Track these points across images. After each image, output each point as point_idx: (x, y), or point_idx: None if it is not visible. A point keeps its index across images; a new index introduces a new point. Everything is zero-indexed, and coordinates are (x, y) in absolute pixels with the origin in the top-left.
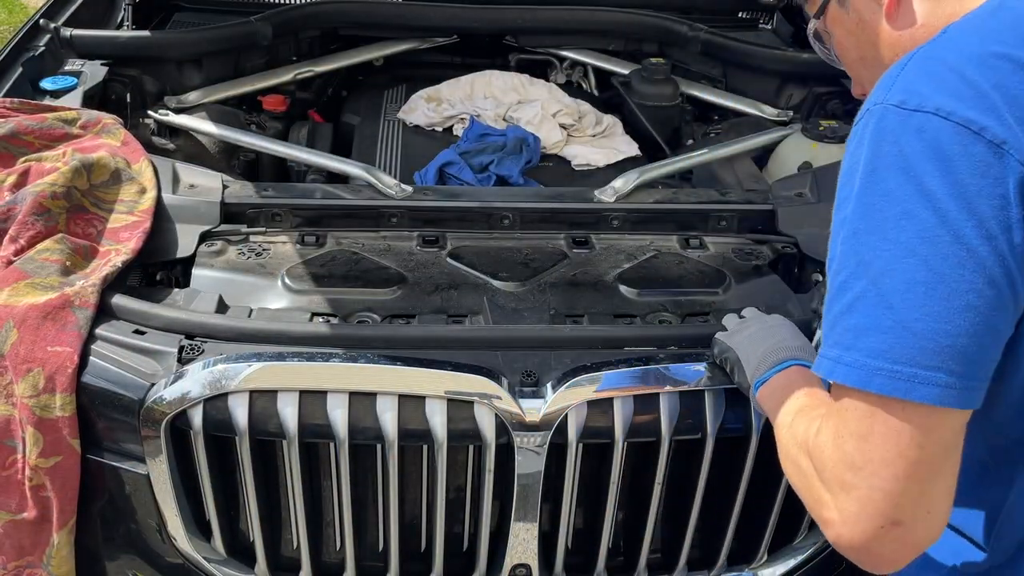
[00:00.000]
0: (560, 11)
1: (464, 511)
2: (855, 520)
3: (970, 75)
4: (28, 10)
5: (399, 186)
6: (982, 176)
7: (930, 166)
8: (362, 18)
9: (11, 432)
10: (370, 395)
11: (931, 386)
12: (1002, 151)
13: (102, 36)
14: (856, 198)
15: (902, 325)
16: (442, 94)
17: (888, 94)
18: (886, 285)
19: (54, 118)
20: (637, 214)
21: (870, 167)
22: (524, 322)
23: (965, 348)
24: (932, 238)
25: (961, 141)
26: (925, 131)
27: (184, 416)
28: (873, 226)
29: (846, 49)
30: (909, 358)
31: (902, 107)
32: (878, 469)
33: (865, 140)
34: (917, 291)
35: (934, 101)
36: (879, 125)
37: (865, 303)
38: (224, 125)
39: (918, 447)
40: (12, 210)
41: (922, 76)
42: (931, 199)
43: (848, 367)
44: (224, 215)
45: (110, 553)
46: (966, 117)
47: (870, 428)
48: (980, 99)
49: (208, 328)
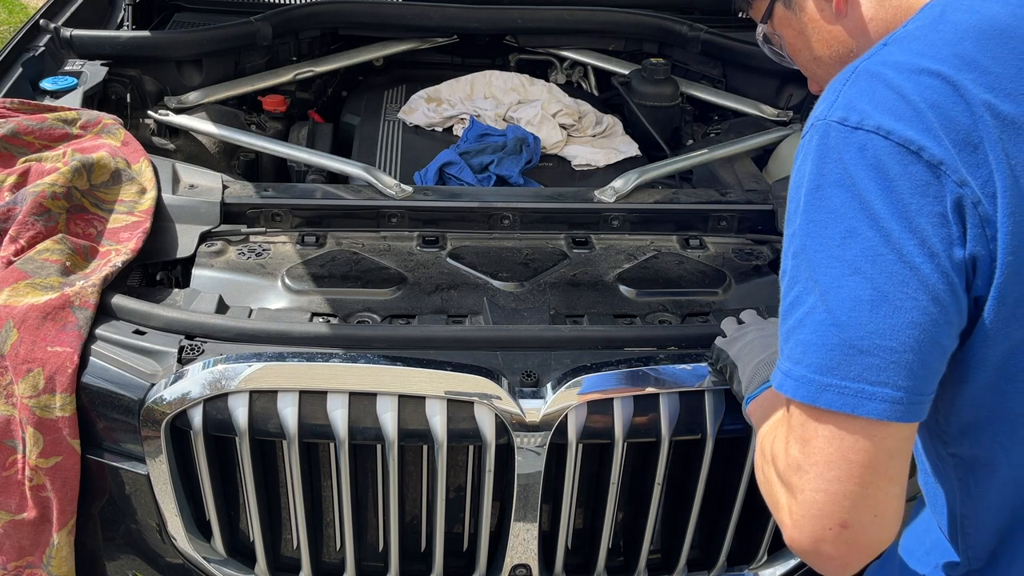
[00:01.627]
0: (560, 11)
1: (464, 511)
2: (803, 522)
3: (908, 94)
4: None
5: (399, 186)
6: (922, 195)
7: (872, 184)
8: (362, 18)
9: (11, 432)
10: (370, 395)
11: (877, 401)
12: (939, 171)
13: (102, 36)
14: (803, 213)
15: (849, 343)
16: (442, 94)
17: (830, 110)
18: (833, 302)
19: (54, 118)
20: (637, 214)
21: (815, 183)
22: (524, 322)
23: (910, 363)
24: (876, 256)
25: (901, 160)
26: (867, 149)
27: (184, 416)
28: (820, 243)
29: (798, 50)
30: (856, 374)
31: (844, 123)
32: (822, 471)
33: (809, 156)
34: (863, 309)
35: (874, 119)
36: (822, 141)
37: (814, 319)
38: (224, 125)
39: (862, 451)
40: (12, 210)
41: (863, 93)
42: (874, 218)
43: (797, 381)
44: (224, 215)
45: (110, 553)
46: (905, 137)
47: (815, 433)
48: (918, 119)
49: (208, 328)
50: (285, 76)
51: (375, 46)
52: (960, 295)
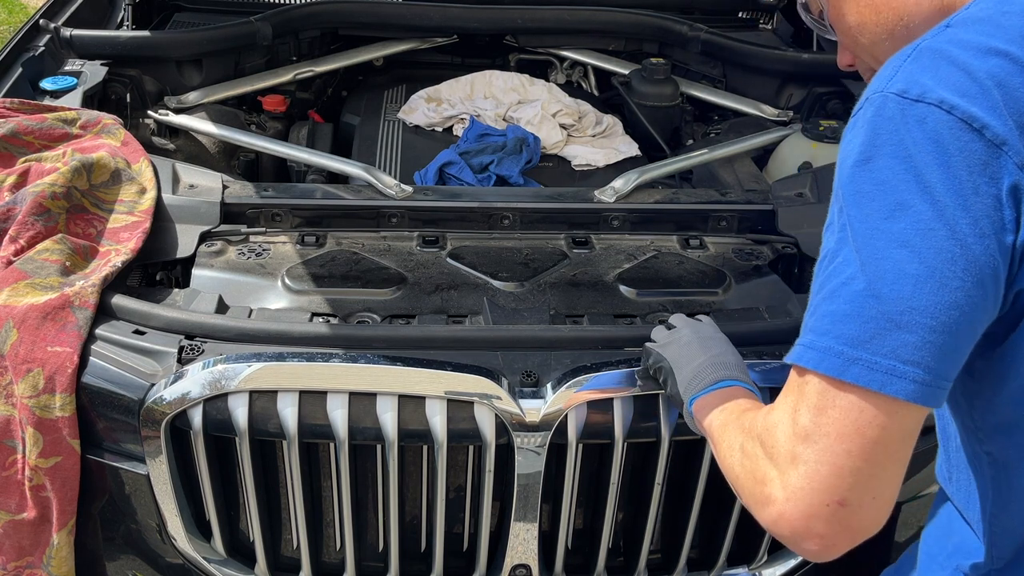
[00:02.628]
0: (560, 11)
1: (464, 511)
2: (800, 495)
3: (974, 71)
4: (28, 10)
5: (399, 186)
6: (980, 174)
7: (930, 158)
8: (362, 18)
9: (11, 432)
10: (370, 395)
11: (908, 381)
12: (1000, 151)
13: (102, 36)
14: (851, 185)
15: (887, 316)
16: (442, 94)
17: (890, 83)
18: (875, 274)
19: (54, 118)
20: (637, 214)
21: (866, 155)
22: (524, 322)
23: (944, 345)
24: (927, 231)
25: (962, 137)
26: (926, 122)
27: (184, 416)
28: (866, 214)
29: (843, 15)
30: (890, 350)
31: (904, 96)
32: (833, 443)
33: (862, 127)
34: (907, 282)
35: (937, 93)
36: (879, 112)
37: (850, 290)
38: (224, 125)
39: (879, 428)
40: (12, 210)
41: (926, 68)
42: (929, 191)
43: (822, 353)
44: (224, 215)
45: (110, 553)
46: (969, 113)
47: (832, 402)
48: (983, 96)
49: (208, 328)
50: (285, 76)
51: (375, 46)
52: (1001, 283)
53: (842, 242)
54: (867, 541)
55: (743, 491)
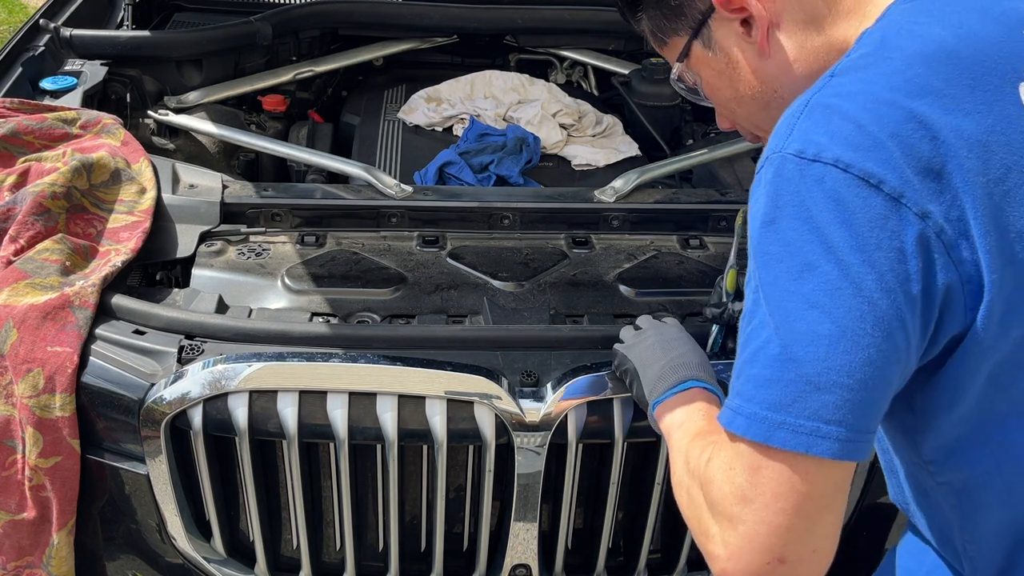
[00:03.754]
0: (560, 11)
1: (464, 511)
2: (740, 555)
3: (866, 124)
4: (28, 10)
5: (399, 186)
6: (881, 229)
7: (831, 217)
8: (362, 18)
9: (11, 432)
10: (370, 395)
11: (831, 440)
12: (899, 204)
13: (102, 36)
14: (759, 248)
15: (805, 379)
16: (442, 94)
17: (786, 142)
18: (789, 337)
19: (54, 118)
20: (637, 214)
21: (771, 216)
22: (524, 322)
23: (863, 402)
24: (835, 290)
25: (860, 194)
26: (825, 182)
27: (184, 416)
28: (775, 277)
29: (717, 89)
30: (812, 412)
31: (801, 156)
32: (768, 502)
33: (765, 189)
34: (821, 344)
35: (833, 152)
36: (778, 173)
37: (767, 354)
38: (224, 125)
39: (809, 485)
40: (12, 210)
41: (819, 124)
42: (833, 251)
43: (748, 419)
44: (224, 215)
45: (110, 553)
46: (865, 169)
47: (763, 464)
48: (877, 150)
49: (208, 328)
50: (285, 76)
51: (375, 46)
52: (912, 333)
53: (756, 303)
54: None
55: (691, 528)
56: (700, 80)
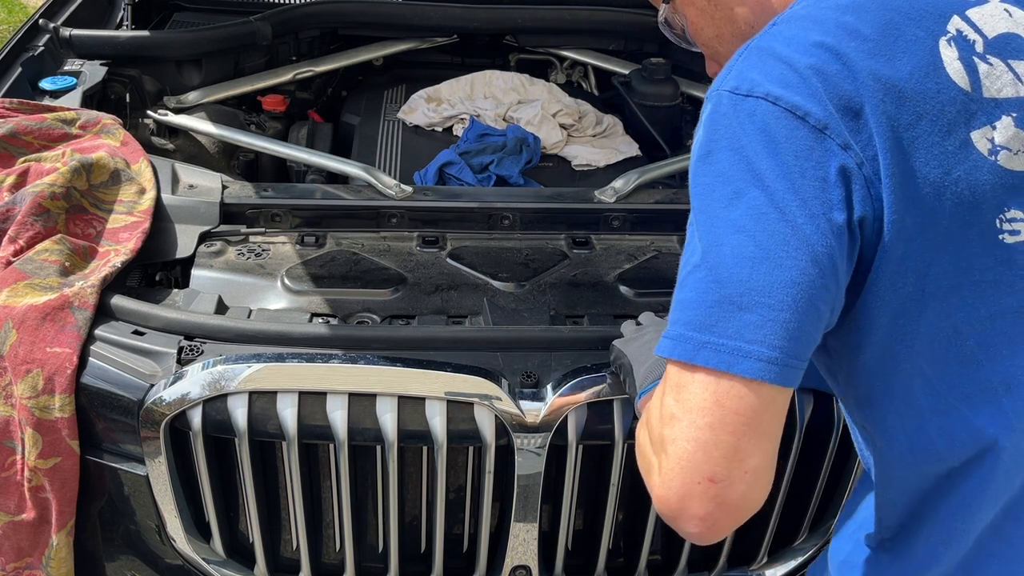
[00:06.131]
0: (560, 11)
1: (464, 512)
2: (671, 476)
3: (796, 63)
4: (28, 10)
5: (399, 186)
6: (806, 159)
7: (760, 147)
8: (362, 18)
9: (10, 433)
10: (370, 396)
11: (752, 360)
12: (823, 135)
13: (101, 36)
14: (694, 178)
15: (728, 299)
16: (442, 94)
17: (724, 81)
18: (715, 260)
19: (53, 118)
20: (637, 214)
21: (706, 149)
22: (524, 323)
23: (787, 323)
24: (760, 215)
25: (787, 125)
26: (755, 115)
27: (183, 417)
28: (707, 205)
29: (700, 29)
30: (733, 332)
31: (735, 92)
32: (695, 418)
33: (703, 124)
34: (744, 265)
35: (764, 87)
36: (715, 109)
37: (695, 278)
38: (224, 125)
39: (736, 400)
40: (11, 210)
41: (754, 65)
42: (760, 179)
43: (674, 340)
44: (223, 215)
45: (109, 554)
46: (792, 102)
47: (688, 383)
48: (804, 85)
49: (207, 329)
50: (285, 76)
51: (375, 46)
52: (839, 261)
53: (691, 234)
54: None
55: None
56: (687, 22)
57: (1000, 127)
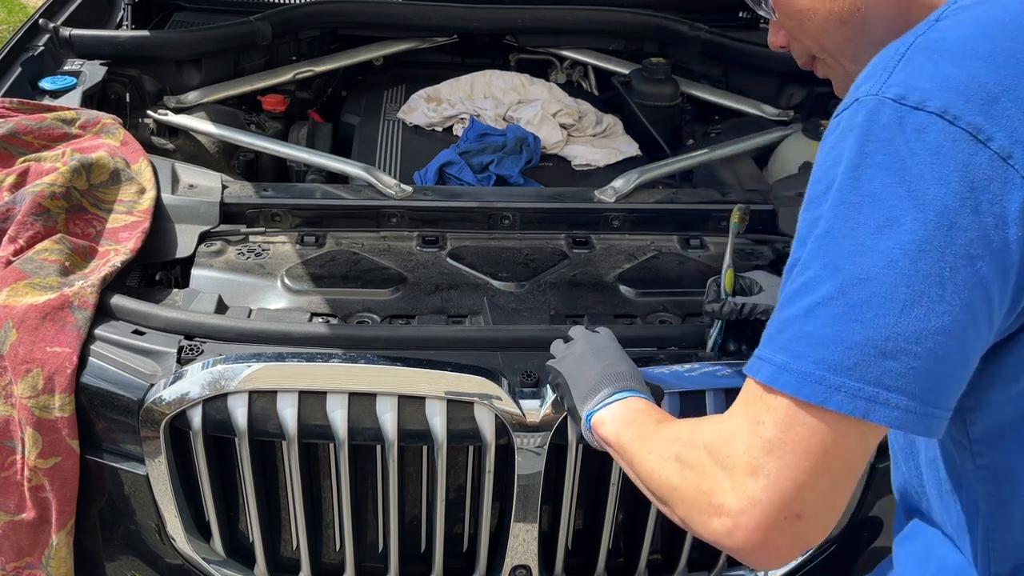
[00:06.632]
0: (560, 11)
1: (464, 512)
2: (759, 507)
3: (979, 73)
4: (28, 10)
5: (399, 186)
6: (983, 191)
7: (927, 172)
8: (362, 18)
9: (10, 433)
10: (370, 396)
11: (891, 408)
12: (1007, 165)
13: (101, 36)
14: (835, 194)
15: (871, 343)
16: (442, 94)
17: (884, 86)
18: (858, 296)
19: (53, 118)
20: (637, 214)
21: (855, 162)
22: (524, 322)
23: (931, 371)
24: (917, 253)
25: (965, 150)
26: (927, 133)
27: (183, 417)
28: (851, 228)
29: None
30: (874, 378)
31: (901, 102)
32: (798, 459)
33: (852, 132)
34: (893, 307)
35: (940, 101)
36: (871, 119)
37: (830, 312)
38: (224, 125)
39: (844, 446)
40: (11, 210)
41: (924, 69)
42: (923, 208)
43: (799, 378)
44: (223, 215)
45: (109, 554)
46: (973, 123)
47: (802, 421)
48: (990, 104)
49: (207, 328)
50: (285, 76)
51: (375, 46)
52: (996, 305)
53: (818, 253)
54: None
55: (681, 502)
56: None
57: None
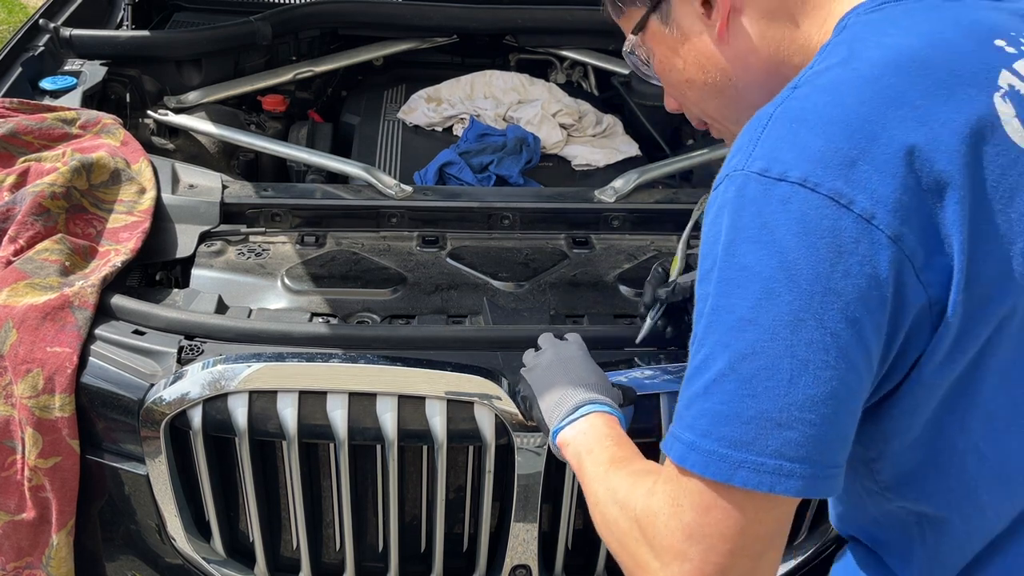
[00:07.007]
0: (560, 11)
1: (464, 512)
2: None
3: (836, 139)
4: (28, 10)
5: (399, 186)
6: (851, 254)
7: (796, 242)
8: (362, 18)
9: (10, 433)
10: (370, 396)
11: (795, 478)
12: (871, 226)
13: (101, 36)
14: (718, 271)
15: (766, 415)
16: (442, 94)
17: (749, 160)
18: (747, 371)
19: (53, 118)
20: (637, 214)
21: (730, 238)
22: (524, 322)
23: (826, 436)
24: (795, 322)
25: (829, 215)
26: (790, 203)
27: (184, 416)
28: (734, 304)
29: (669, 69)
30: (774, 450)
31: (765, 175)
32: (717, 543)
33: (725, 209)
34: (780, 379)
35: (800, 170)
36: (740, 194)
37: (725, 388)
38: (224, 125)
39: (761, 522)
40: (11, 210)
41: (785, 142)
42: (795, 279)
43: (705, 456)
44: (224, 215)
45: (109, 554)
46: (834, 189)
47: (716, 503)
48: (848, 168)
49: (207, 328)
50: (285, 76)
51: (375, 46)
52: (874, 361)
53: (709, 330)
54: None
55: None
56: (653, 56)
57: None
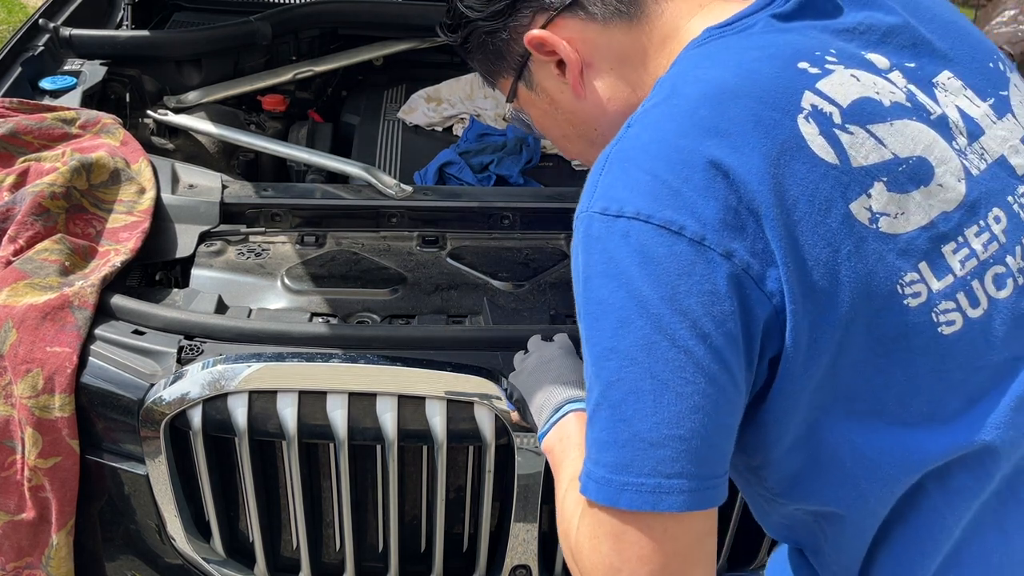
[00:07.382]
0: None
1: (464, 512)
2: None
3: (661, 173)
4: (28, 10)
5: (399, 186)
6: (689, 275)
7: (639, 271)
8: (362, 18)
9: (10, 433)
10: (370, 396)
11: (676, 494)
12: (703, 247)
13: (101, 36)
14: (581, 307)
15: (638, 437)
16: (442, 94)
17: (591, 202)
18: (616, 397)
19: (53, 118)
20: None
21: (585, 275)
22: (524, 322)
23: (698, 449)
24: (650, 345)
25: (664, 242)
26: (630, 236)
27: (183, 416)
28: (597, 336)
29: (546, 128)
30: (651, 469)
31: (605, 214)
32: (636, 568)
33: (578, 249)
34: (645, 400)
35: (633, 205)
36: (587, 233)
37: (601, 416)
38: (223, 125)
39: (672, 539)
40: (11, 210)
41: (619, 179)
42: (643, 305)
43: (597, 483)
44: (223, 215)
45: (109, 554)
46: (665, 218)
47: (622, 530)
48: (674, 197)
49: (207, 328)
50: (284, 76)
51: (375, 46)
52: (737, 371)
53: (587, 364)
54: None
55: None
56: (531, 118)
57: (875, 194)
